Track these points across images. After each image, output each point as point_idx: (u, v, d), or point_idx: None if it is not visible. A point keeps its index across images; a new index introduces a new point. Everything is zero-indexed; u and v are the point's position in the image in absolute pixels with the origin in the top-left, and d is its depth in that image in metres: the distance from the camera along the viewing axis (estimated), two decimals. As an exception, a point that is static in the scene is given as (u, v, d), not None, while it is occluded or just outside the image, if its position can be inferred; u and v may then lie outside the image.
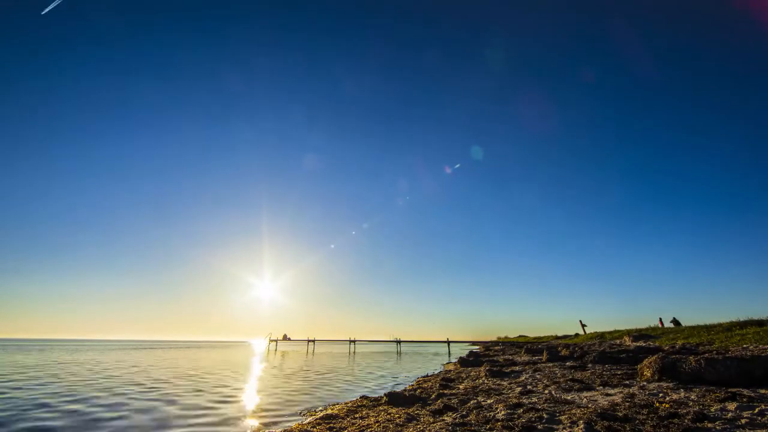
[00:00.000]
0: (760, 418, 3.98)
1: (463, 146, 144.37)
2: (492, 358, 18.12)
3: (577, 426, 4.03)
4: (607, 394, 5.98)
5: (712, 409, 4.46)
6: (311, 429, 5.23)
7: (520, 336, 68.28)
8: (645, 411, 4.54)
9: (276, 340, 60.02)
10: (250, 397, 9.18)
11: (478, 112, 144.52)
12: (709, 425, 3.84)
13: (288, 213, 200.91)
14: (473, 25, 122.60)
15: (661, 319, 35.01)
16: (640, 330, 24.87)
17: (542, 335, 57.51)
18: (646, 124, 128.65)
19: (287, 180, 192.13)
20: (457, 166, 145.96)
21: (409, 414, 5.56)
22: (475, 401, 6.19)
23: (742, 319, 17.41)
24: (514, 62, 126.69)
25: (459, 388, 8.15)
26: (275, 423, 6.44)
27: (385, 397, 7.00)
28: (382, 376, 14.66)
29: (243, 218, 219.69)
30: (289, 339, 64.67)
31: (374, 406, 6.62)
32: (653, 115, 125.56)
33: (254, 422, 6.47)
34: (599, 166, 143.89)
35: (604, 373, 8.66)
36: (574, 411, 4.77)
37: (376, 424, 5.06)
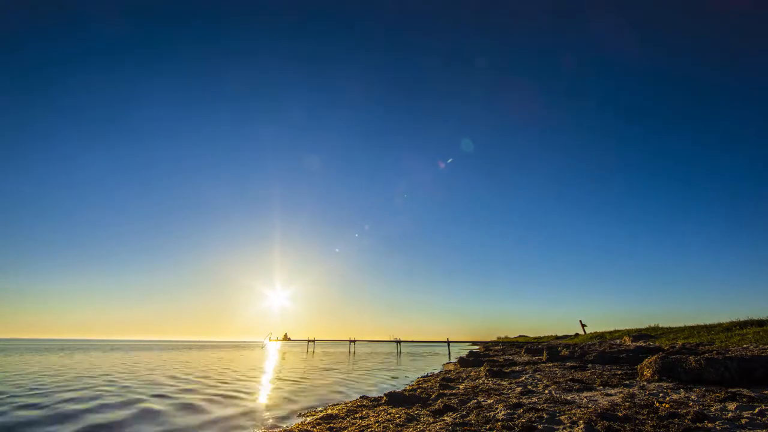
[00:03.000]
0: (760, 418, 3.98)
1: (460, 144, 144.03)
2: (492, 358, 18.12)
3: (578, 426, 4.03)
4: (608, 394, 5.98)
5: (713, 409, 4.45)
6: (311, 429, 5.23)
7: (520, 336, 68.28)
8: (645, 411, 4.54)
9: (276, 340, 60.06)
10: (257, 397, 9.18)
11: (474, 109, 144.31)
12: (709, 425, 3.84)
13: (296, 222, 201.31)
14: (465, 22, 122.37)
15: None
16: (640, 330, 24.88)
17: (542, 335, 57.52)
18: (645, 118, 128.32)
19: (294, 186, 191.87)
20: (450, 160, 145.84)
21: (409, 414, 5.55)
22: (475, 401, 6.19)
23: (742, 319, 17.43)
24: (505, 58, 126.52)
25: (459, 388, 8.15)
26: (275, 423, 6.44)
27: (385, 397, 7.00)
28: (382, 376, 14.66)
29: (256, 231, 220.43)
30: (290, 339, 64.77)
31: (374, 406, 6.62)
32: (652, 109, 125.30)
33: (257, 421, 6.48)
34: (598, 165, 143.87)
35: (604, 373, 8.67)
36: (574, 411, 4.77)
37: (376, 424, 5.06)
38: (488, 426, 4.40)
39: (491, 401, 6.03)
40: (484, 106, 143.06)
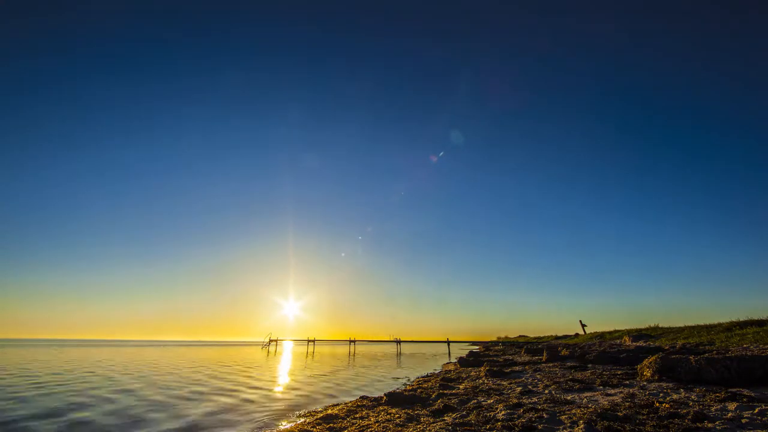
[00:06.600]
0: (760, 418, 3.98)
1: (456, 140, 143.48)
2: (492, 358, 18.12)
3: (578, 426, 4.03)
4: (608, 394, 5.98)
5: (713, 409, 4.45)
6: (311, 429, 5.23)
7: (520, 336, 68.36)
8: (645, 411, 4.54)
9: (276, 340, 60.07)
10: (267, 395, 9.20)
11: (471, 107, 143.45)
12: (710, 425, 3.84)
13: (300, 224, 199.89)
14: (460, 21, 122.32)
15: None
16: (640, 330, 24.88)
17: (542, 335, 57.61)
18: (644, 115, 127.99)
19: (296, 188, 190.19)
20: (441, 154, 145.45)
21: (409, 414, 5.55)
22: (476, 401, 6.18)
23: (742, 319, 17.42)
24: (501, 54, 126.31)
25: (459, 388, 8.15)
26: (275, 423, 6.44)
27: (385, 397, 7.00)
28: (382, 376, 14.66)
29: (257, 233, 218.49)
30: (290, 339, 64.82)
31: (374, 407, 6.62)
32: (650, 105, 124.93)
33: (256, 420, 6.48)
34: (597, 164, 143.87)
35: (604, 373, 8.66)
36: (574, 411, 4.77)
37: (376, 424, 5.06)
38: (488, 426, 4.40)
39: (491, 401, 6.03)
40: (481, 104, 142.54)
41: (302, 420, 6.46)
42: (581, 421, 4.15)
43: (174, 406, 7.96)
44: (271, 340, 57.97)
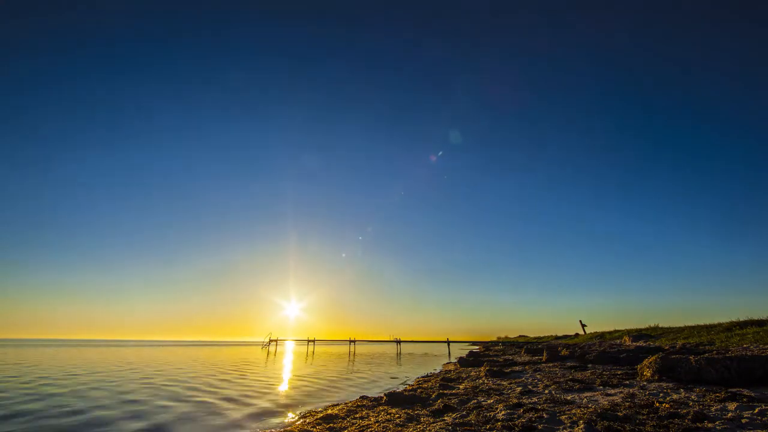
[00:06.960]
0: (760, 418, 3.98)
1: (454, 139, 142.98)
2: (492, 358, 18.12)
3: (578, 426, 4.03)
4: (608, 394, 5.98)
5: (713, 409, 4.45)
6: (311, 429, 5.23)
7: (520, 336, 68.44)
8: (645, 411, 4.54)
9: (276, 340, 60.07)
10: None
11: (471, 107, 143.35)
12: (710, 425, 3.84)
13: (306, 232, 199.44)
14: (461, 21, 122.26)
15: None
16: (640, 330, 24.88)
17: (542, 335, 57.66)
18: (644, 112, 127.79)
19: (299, 190, 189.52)
20: (440, 153, 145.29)
21: (409, 414, 5.55)
22: (476, 401, 6.18)
23: (742, 319, 17.42)
24: (502, 54, 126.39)
25: (459, 389, 8.15)
26: (275, 423, 6.44)
27: (385, 397, 7.00)
28: (382, 376, 14.66)
29: (258, 234, 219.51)
30: (290, 339, 64.87)
31: (374, 407, 6.62)
32: (651, 103, 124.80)
33: (256, 420, 6.48)
34: (597, 164, 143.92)
35: (604, 373, 8.66)
36: (574, 411, 4.77)
37: (376, 424, 5.06)
38: (488, 426, 4.40)
39: (491, 401, 6.03)
40: (481, 104, 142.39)
41: (302, 420, 6.46)
42: (581, 421, 4.15)
43: (169, 403, 7.96)
44: (271, 340, 57.94)
